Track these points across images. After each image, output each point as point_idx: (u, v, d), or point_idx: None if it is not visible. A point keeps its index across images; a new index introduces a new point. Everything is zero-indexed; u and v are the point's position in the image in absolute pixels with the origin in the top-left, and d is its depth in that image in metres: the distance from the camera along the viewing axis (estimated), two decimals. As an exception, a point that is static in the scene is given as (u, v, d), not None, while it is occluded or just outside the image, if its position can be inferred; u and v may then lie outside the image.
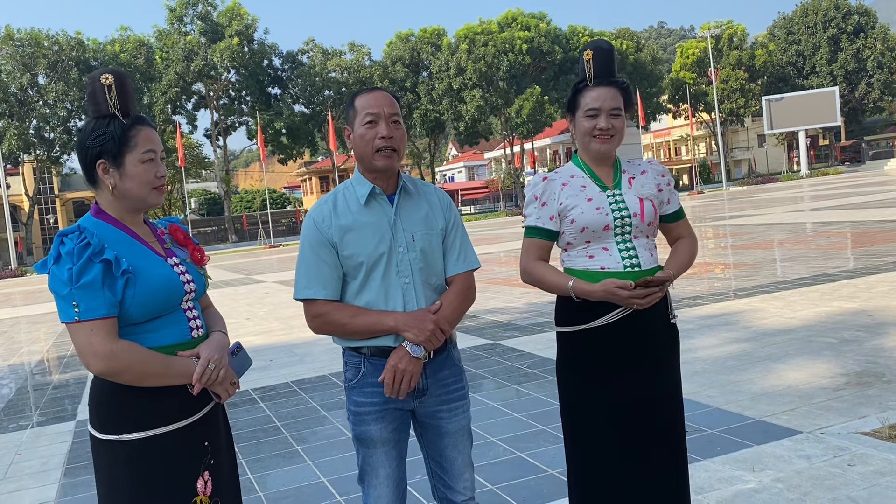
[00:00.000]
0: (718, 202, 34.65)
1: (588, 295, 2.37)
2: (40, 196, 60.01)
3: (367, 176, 2.32)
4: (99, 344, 1.86)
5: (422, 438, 2.43)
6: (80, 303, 1.85)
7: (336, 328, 2.28)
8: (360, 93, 2.34)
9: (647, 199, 2.49)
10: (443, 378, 2.35)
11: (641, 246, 2.46)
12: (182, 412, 1.96)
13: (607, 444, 2.42)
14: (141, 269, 1.94)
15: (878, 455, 3.61)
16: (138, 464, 1.91)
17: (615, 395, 2.41)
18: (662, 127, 77.81)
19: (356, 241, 2.26)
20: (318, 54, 58.36)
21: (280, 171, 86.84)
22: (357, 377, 2.31)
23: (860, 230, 14.36)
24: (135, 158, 1.96)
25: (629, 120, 63.20)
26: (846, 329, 6.36)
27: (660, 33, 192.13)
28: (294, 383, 6.65)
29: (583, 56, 2.49)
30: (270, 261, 28.70)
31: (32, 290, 26.41)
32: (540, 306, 9.57)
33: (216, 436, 2.06)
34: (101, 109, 1.97)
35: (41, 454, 5.28)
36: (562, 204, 2.48)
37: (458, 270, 2.38)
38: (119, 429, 1.91)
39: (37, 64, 48.79)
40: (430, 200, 2.40)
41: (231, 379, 2.06)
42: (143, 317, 1.94)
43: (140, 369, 1.89)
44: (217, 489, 2.02)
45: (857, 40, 64.67)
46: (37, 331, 13.25)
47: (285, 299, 13.79)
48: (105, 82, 1.95)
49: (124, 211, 2.02)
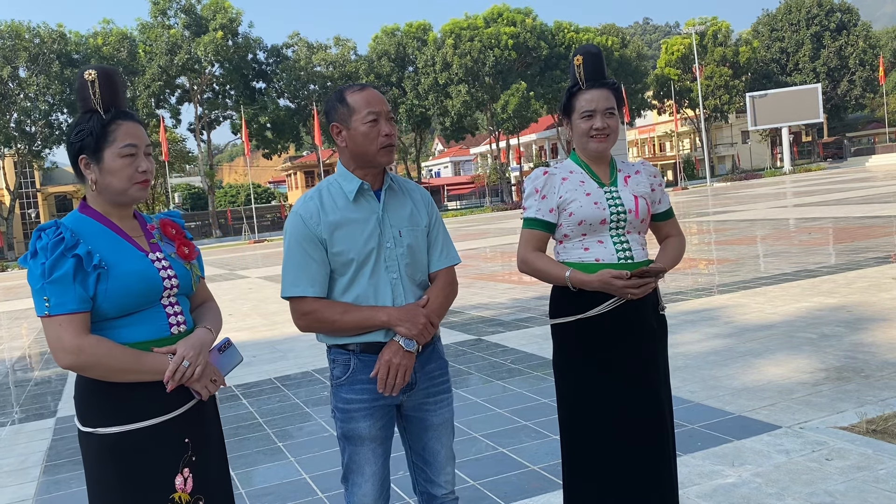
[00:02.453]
0: (702, 198, 34.87)
1: (584, 285, 2.47)
2: (21, 190, 59.35)
3: (357, 172, 2.32)
4: (67, 338, 1.86)
5: (405, 432, 2.44)
6: (51, 297, 1.86)
7: (325, 325, 2.27)
8: (348, 89, 2.32)
9: (641, 197, 2.61)
10: (430, 371, 2.37)
11: (634, 240, 2.58)
12: (160, 408, 1.95)
13: (604, 432, 2.50)
14: (114, 264, 1.93)
15: (855, 450, 3.65)
16: (115, 457, 1.92)
17: (611, 384, 2.50)
18: (647, 123, 78.14)
19: (346, 238, 2.25)
20: (303, 48, 58.07)
21: (265, 165, 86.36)
22: (346, 374, 2.29)
23: (841, 226, 14.50)
24: (113, 153, 1.96)
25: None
26: (826, 324, 6.42)
27: (645, 29, 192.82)
28: (277, 380, 6.62)
29: (573, 62, 2.61)
30: (255, 256, 28.57)
31: (13, 285, 26.15)
32: (524, 302, 9.59)
33: (199, 432, 2.04)
34: (87, 105, 1.99)
35: (20, 451, 5.23)
36: (561, 197, 2.57)
37: (442, 266, 2.41)
38: (97, 422, 1.92)
39: (18, 57, 48.21)
40: (414, 198, 2.42)
41: (211, 376, 2.04)
42: (117, 312, 1.93)
43: (108, 364, 1.89)
44: (200, 486, 2.00)
45: (839, 38, 65.23)
46: (18, 326, 13.12)
47: (269, 295, 13.74)
48: (88, 78, 1.97)
49: (109, 205, 2.02)
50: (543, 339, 7.01)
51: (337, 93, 2.34)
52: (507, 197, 62.94)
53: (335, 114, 2.32)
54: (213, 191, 60.85)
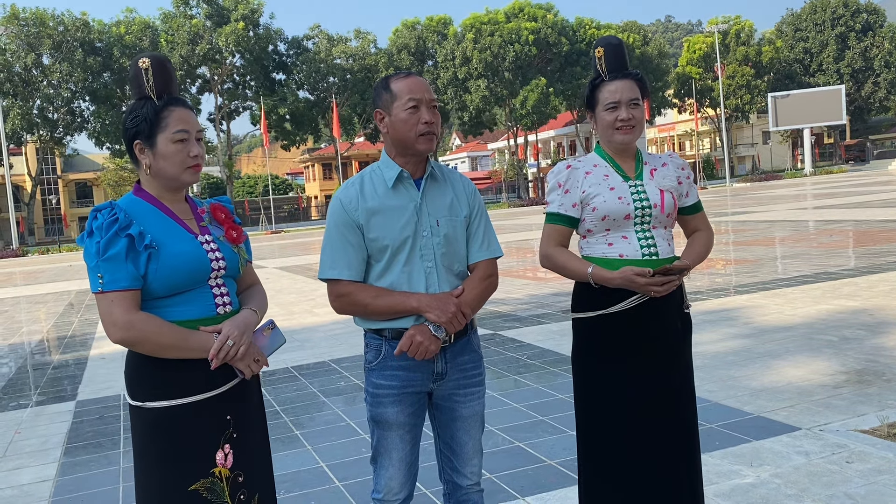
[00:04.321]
0: (721, 198, 34.60)
1: (607, 282, 2.43)
2: (43, 176, 59.98)
3: (398, 160, 2.33)
4: (118, 314, 1.94)
5: (434, 420, 2.45)
6: (105, 274, 1.94)
7: (358, 308, 2.30)
8: (394, 76, 2.34)
9: (667, 191, 2.54)
10: (462, 363, 2.37)
11: (659, 236, 2.52)
12: (205, 385, 2.02)
13: (620, 431, 2.45)
14: (165, 245, 2.00)
15: (876, 453, 3.62)
16: (159, 430, 1.99)
17: (631, 382, 2.45)
18: (667, 121, 77.59)
19: (382, 224, 2.27)
20: (323, 40, 58.12)
21: (283, 157, 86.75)
22: (378, 359, 2.32)
23: (862, 229, 14.34)
24: (166, 138, 2.03)
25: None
26: (847, 327, 6.36)
27: (667, 27, 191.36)
28: (294, 369, 6.66)
29: (594, 54, 2.55)
30: (272, 247, 28.70)
31: (34, 269, 26.46)
32: (541, 297, 9.58)
33: (241, 411, 2.10)
34: (141, 92, 2.06)
35: (41, 433, 5.30)
36: (584, 192, 2.52)
37: (481, 258, 2.40)
38: (144, 396, 2.00)
39: (41, 44, 48.64)
40: (456, 188, 2.41)
41: (255, 356, 2.10)
42: (166, 291, 2.00)
43: (156, 340, 1.96)
44: (240, 463, 2.06)
45: (864, 38, 64.41)
46: (37, 311, 13.28)
47: (286, 285, 13.81)
48: (142, 66, 2.05)
49: (162, 189, 2.09)
50: (560, 335, 7.00)
51: (383, 80, 2.36)
52: (523, 193, 62.77)
53: (379, 100, 2.34)
54: (232, 181, 61.13)
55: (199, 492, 1.99)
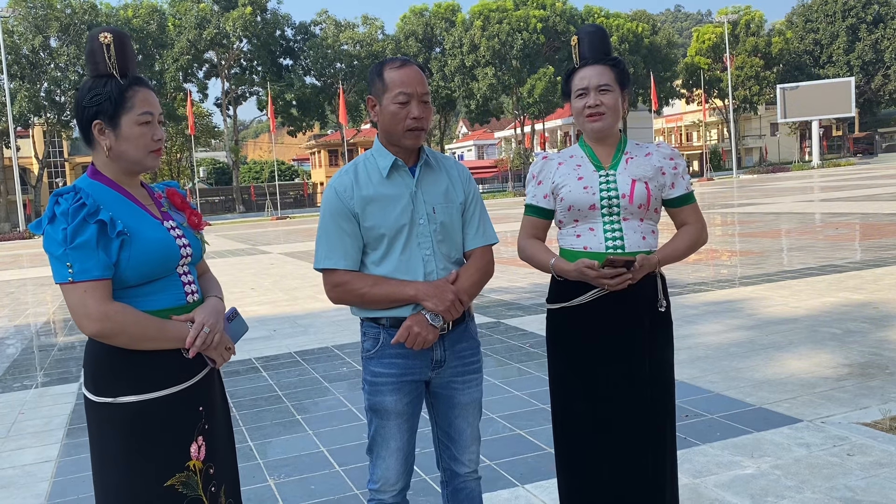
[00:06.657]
0: (728, 189, 34.47)
1: (565, 274, 2.43)
2: (50, 159, 60.09)
3: (390, 148, 2.31)
4: (93, 305, 1.83)
5: (432, 408, 2.45)
6: (75, 263, 1.82)
7: (355, 297, 2.28)
8: (388, 63, 2.29)
9: (640, 181, 2.43)
10: (460, 350, 2.36)
11: (630, 228, 2.43)
12: (177, 377, 1.94)
13: (584, 425, 2.44)
14: (136, 232, 1.91)
15: (877, 446, 3.61)
16: (132, 427, 1.90)
17: (594, 374, 2.43)
18: (675, 112, 77.24)
19: (378, 213, 2.25)
20: (330, 26, 57.95)
21: (289, 142, 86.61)
22: (375, 348, 2.31)
23: (869, 222, 14.27)
24: (131, 120, 1.93)
25: (642, 104, 62.93)
26: (851, 320, 6.34)
27: (676, 17, 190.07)
28: (297, 353, 6.67)
29: (572, 43, 2.52)
30: (277, 232, 28.73)
31: (40, 251, 26.53)
32: (543, 287, 9.53)
33: (211, 401, 2.05)
34: (100, 69, 1.93)
35: (44, 414, 5.33)
36: (555, 182, 2.51)
37: (477, 244, 2.38)
38: (114, 391, 1.89)
39: (49, 27, 48.56)
40: (451, 174, 2.40)
41: (226, 344, 2.05)
42: (137, 280, 1.91)
43: (134, 332, 1.87)
44: (210, 454, 2.01)
45: (875, 30, 63.90)
46: (43, 293, 13.32)
47: (291, 270, 13.82)
48: (104, 41, 1.91)
49: (121, 172, 1.98)
50: (563, 325, 6.99)
51: (377, 65, 2.31)
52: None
53: (372, 87, 2.31)
54: (238, 166, 61.18)
55: (175, 487, 1.93)
